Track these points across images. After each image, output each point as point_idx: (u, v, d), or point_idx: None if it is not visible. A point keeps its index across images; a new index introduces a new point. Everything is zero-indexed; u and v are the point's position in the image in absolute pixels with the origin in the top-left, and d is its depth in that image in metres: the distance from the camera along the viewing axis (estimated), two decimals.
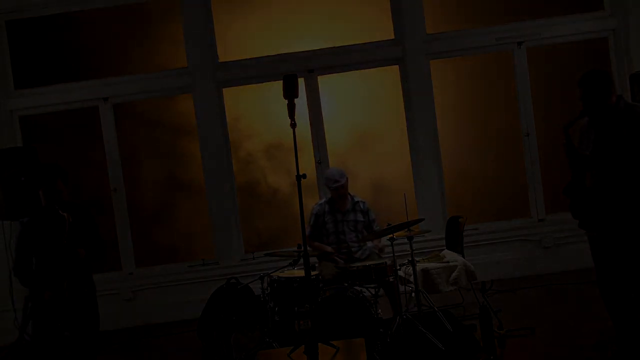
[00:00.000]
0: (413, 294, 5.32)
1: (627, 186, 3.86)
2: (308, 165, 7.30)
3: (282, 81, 3.98)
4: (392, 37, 7.47)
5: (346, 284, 5.13)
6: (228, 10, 7.52)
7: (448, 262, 5.74)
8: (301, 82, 7.27)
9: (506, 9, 7.50)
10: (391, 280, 5.23)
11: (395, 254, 5.19)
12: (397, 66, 7.48)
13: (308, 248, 4.10)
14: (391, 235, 5.17)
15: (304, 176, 3.98)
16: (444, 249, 6.21)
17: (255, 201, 7.72)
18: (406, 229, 5.23)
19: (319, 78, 7.48)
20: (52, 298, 4.56)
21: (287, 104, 3.95)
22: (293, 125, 3.94)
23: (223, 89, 7.53)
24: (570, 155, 4.07)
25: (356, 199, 5.98)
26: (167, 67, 7.56)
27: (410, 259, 5.21)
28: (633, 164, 3.85)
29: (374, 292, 5.23)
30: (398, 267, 5.28)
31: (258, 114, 7.66)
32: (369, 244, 5.94)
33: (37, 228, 4.64)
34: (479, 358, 4.66)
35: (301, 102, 7.23)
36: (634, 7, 7.18)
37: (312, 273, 5.01)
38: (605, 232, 3.98)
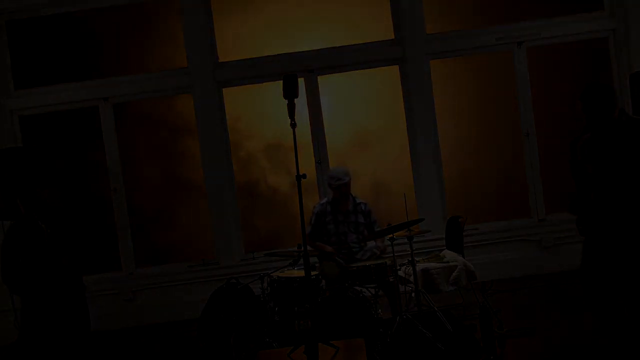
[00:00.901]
0: (413, 294, 5.31)
1: (630, 201, 3.85)
2: (308, 165, 7.29)
3: (282, 81, 3.99)
4: (392, 37, 7.47)
5: (346, 284, 5.13)
6: (228, 10, 7.52)
7: (448, 262, 5.73)
8: (301, 82, 7.26)
9: (506, 9, 7.50)
10: (391, 280, 5.23)
11: (395, 254, 5.19)
12: (397, 66, 7.48)
13: (308, 247, 4.10)
14: (391, 235, 5.17)
15: (304, 176, 3.99)
16: (444, 249, 6.20)
17: (255, 201, 7.72)
18: (406, 229, 5.22)
19: (319, 78, 7.48)
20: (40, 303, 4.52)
21: (287, 104, 3.96)
22: (293, 125, 3.95)
23: (223, 89, 7.53)
24: (576, 172, 4.06)
25: (358, 201, 5.98)
26: (167, 67, 7.56)
27: (410, 259, 5.21)
28: (636, 179, 3.84)
29: (374, 292, 5.23)
30: (398, 267, 5.28)
31: (258, 114, 7.66)
32: (370, 244, 5.94)
33: (17, 237, 4.60)
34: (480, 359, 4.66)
35: (301, 102, 7.23)
36: (634, 7, 7.18)
37: (312, 273, 5.01)
38: (609, 246, 3.97)
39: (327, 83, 7.53)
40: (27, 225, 4.55)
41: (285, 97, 3.96)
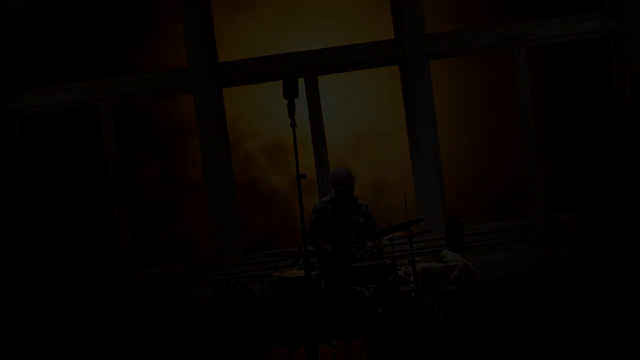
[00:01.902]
0: (413, 294, 5.32)
1: (628, 184, 3.87)
2: (308, 165, 7.31)
3: (282, 81, 3.99)
4: (392, 37, 7.47)
5: (346, 284, 5.13)
6: (228, 10, 7.53)
7: (448, 262, 5.73)
8: (301, 82, 7.27)
9: (506, 9, 7.51)
10: (391, 280, 5.24)
11: (395, 254, 5.19)
12: (397, 66, 7.48)
13: (308, 247, 4.11)
14: (391, 235, 5.17)
15: (304, 176, 4.00)
16: (444, 249, 6.21)
17: (255, 201, 7.72)
18: (406, 229, 5.23)
19: (319, 78, 7.48)
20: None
21: (287, 104, 3.96)
22: (293, 125, 3.95)
23: (223, 89, 7.53)
24: (574, 158, 4.07)
25: (359, 202, 6.00)
26: (167, 67, 7.56)
27: (410, 259, 5.21)
28: (630, 161, 3.86)
29: (373, 292, 5.24)
30: (398, 267, 5.28)
31: (258, 114, 7.66)
32: (368, 244, 5.94)
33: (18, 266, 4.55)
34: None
35: (301, 102, 7.23)
36: (634, 7, 7.19)
37: (312, 273, 5.01)
38: (608, 231, 3.99)
39: (327, 83, 7.53)
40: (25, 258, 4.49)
41: (285, 97, 3.97)
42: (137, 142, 7.69)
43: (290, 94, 3.95)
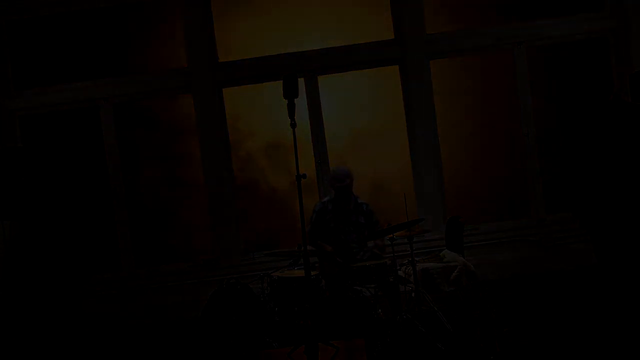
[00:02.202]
0: (413, 294, 5.32)
1: (627, 183, 3.87)
2: (308, 165, 7.31)
3: (282, 81, 3.99)
4: (392, 37, 7.47)
5: (346, 284, 5.13)
6: (228, 10, 7.53)
7: (448, 262, 5.73)
8: (301, 82, 7.27)
9: (506, 9, 7.51)
10: (391, 280, 5.24)
11: (395, 254, 5.19)
12: (397, 66, 7.48)
13: (308, 247, 4.11)
14: (391, 235, 5.17)
15: (304, 176, 4.00)
16: (444, 249, 6.21)
17: (255, 201, 7.72)
18: (406, 229, 5.22)
19: (319, 78, 7.48)
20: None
21: (287, 104, 3.97)
22: (293, 125, 3.96)
23: (223, 89, 7.53)
24: (573, 158, 4.08)
25: (359, 201, 6.00)
26: (167, 67, 7.56)
27: (410, 259, 5.21)
28: (631, 161, 3.86)
29: (373, 292, 5.24)
30: (398, 267, 5.28)
31: (258, 114, 7.66)
32: (370, 244, 5.94)
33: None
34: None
35: (301, 102, 7.23)
36: (634, 7, 7.19)
37: (312, 273, 5.01)
38: (607, 230, 4.00)
39: (327, 83, 7.53)
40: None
41: (285, 97, 3.97)
42: (137, 142, 7.69)
43: (290, 94, 3.96)
